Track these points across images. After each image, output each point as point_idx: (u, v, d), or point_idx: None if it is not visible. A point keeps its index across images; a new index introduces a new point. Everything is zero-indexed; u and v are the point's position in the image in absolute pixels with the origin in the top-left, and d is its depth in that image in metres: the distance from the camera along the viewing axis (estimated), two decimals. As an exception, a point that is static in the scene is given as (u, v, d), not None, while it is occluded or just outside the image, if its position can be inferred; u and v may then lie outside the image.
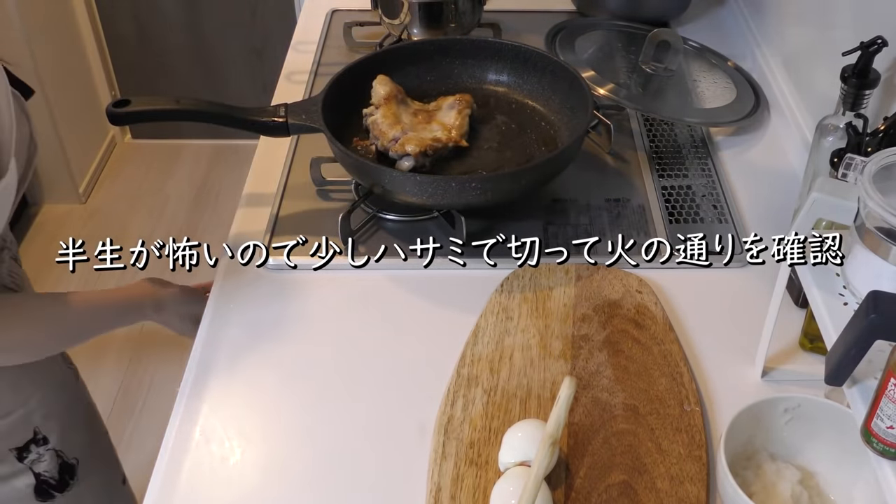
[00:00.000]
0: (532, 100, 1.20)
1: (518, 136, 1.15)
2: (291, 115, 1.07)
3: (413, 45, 1.27)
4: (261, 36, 2.74)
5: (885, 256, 0.70)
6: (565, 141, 1.11)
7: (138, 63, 2.81)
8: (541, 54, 1.20)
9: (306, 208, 1.12)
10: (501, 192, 1.03)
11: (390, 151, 1.08)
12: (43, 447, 0.97)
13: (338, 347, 0.94)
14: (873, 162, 0.71)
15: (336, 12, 1.56)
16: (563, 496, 0.77)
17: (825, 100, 1.04)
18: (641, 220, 1.09)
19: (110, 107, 1.03)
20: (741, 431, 0.77)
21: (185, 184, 2.75)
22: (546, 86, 1.20)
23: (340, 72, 1.14)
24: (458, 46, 1.24)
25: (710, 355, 0.92)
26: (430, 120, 1.12)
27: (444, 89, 1.20)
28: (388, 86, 1.13)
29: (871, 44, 0.89)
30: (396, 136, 1.07)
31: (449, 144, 1.09)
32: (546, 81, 1.19)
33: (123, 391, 2.10)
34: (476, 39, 1.27)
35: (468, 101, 1.14)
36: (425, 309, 0.98)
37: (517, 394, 0.87)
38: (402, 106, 1.13)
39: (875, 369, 0.68)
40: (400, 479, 0.81)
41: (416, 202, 1.05)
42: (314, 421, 0.86)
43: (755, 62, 1.40)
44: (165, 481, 0.81)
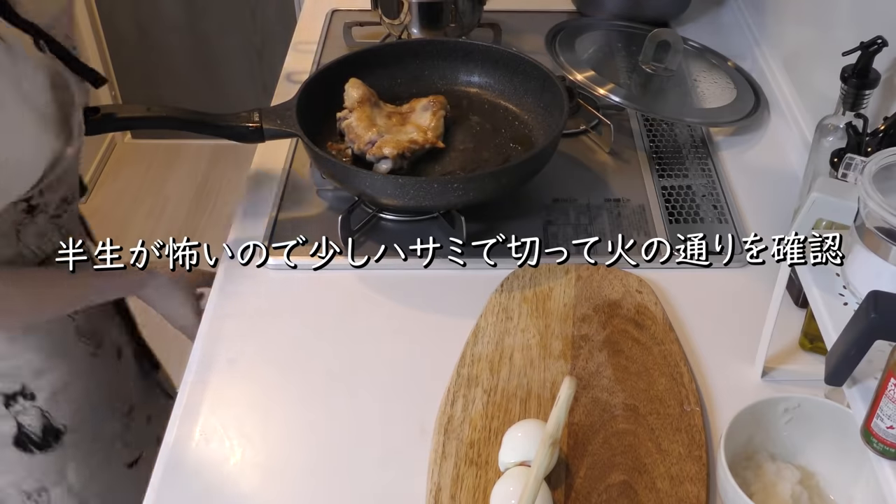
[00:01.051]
0: (505, 100, 1.20)
1: (493, 137, 1.15)
2: (266, 120, 1.05)
3: (383, 47, 1.27)
4: (261, 36, 2.74)
5: (885, 256, 0.70)
6: (540, 139, 1.10)
7: (138, 63, 2.81)
8: (511, 54, 1.20)
9: (306, 208, 1.12)
10: (483, 192, 1.03)
11: (367, 154, 1.07)
12: (29, 402, 0.97)
13: (337, 348, 0.94)
14: (873, 162, 0.71)
15: (336, 12, 1.56)
16: (563, 496, 0.77)
17: (825, 100, 1.04)
18: (641, 220, 1.09)
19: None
20: (741, 431, 0.77)
21: (185, 184, 2.76)
22: (518, 85, 1.19)
23: (312, 76, 1.14)
24: (429, 48, 1.23)
25: (710, 355, 0.92)
26: (405, 122, 1.12)
27: (416, 91, 1.19)
28: (361, 89, 1.13)
29: (871, 44, 0.89)
30: (373, 139, 1.07)
31: (426, 146, 1.09)
32: (518, 81, 1.19)
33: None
34: (445, 41, 1.26)
35: (442, 103, 1.14)
36: (425, 309, 0.98)
37: (517, 394, 0.87)
38: (375, 109, 1.12)
39: (875, 369, 0.68)
40: (400, 479, 0.81)
41: (398, 205, 1.05)
42: (314, 421, 0.86)
43: (755, 62, 1.40)
44: (164, 482, 0.81)
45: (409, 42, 1.30)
